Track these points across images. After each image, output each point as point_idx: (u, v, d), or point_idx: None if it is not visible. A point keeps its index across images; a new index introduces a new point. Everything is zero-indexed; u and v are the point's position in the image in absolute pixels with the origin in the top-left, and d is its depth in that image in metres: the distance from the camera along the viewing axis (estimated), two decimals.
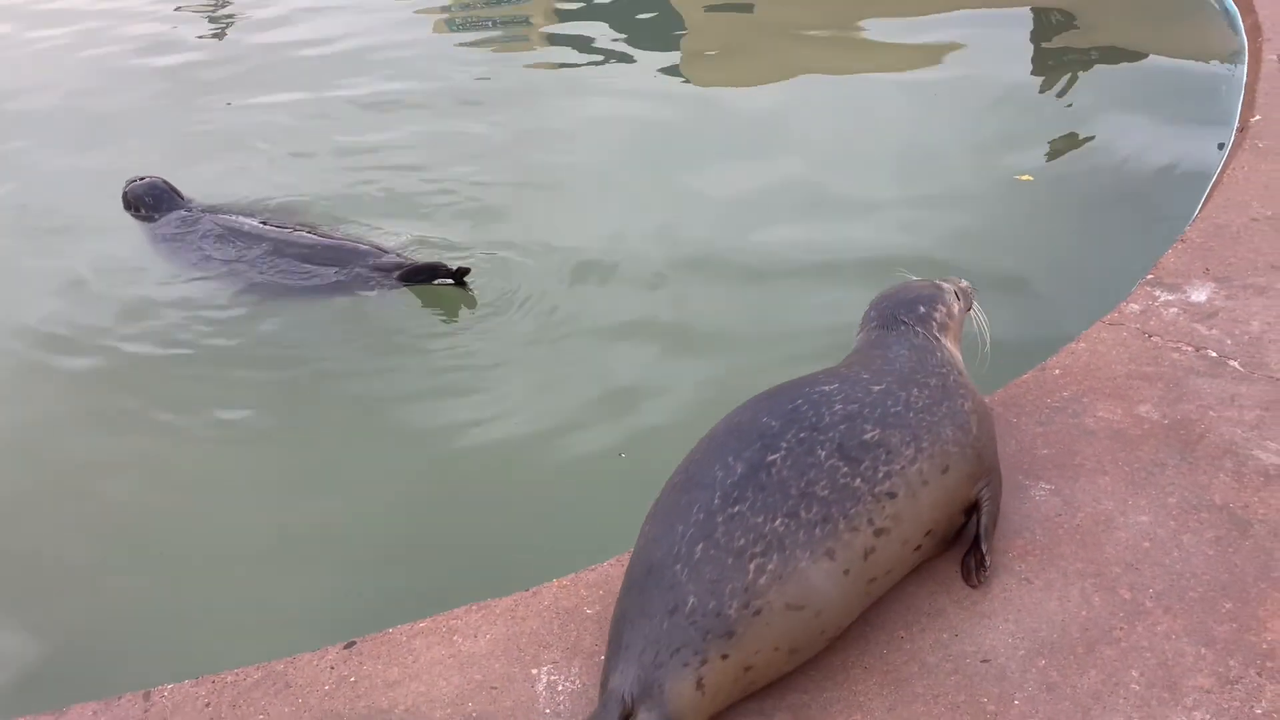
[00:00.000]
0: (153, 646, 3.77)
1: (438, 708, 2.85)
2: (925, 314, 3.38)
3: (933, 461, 2.90)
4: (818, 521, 2.69)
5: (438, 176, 6.88)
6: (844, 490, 2.75)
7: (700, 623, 2.58)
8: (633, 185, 6.62)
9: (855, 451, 2.81)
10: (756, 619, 2.60)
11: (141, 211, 6.56)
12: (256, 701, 2.95)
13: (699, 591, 2.60)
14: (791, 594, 2.63)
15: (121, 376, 5.24)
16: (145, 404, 5.05)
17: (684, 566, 2.64)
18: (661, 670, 2.55)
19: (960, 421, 3.01)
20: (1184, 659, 2.73)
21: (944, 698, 2.72)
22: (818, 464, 2.76)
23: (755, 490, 2.71)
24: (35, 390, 5.26)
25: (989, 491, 3.07)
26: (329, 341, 5.31)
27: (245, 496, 4.41)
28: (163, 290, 5.90)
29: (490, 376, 4.89)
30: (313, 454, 4.62)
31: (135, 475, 4.61)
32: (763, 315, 5.20)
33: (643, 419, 4.25)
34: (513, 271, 5.75)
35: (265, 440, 4.75)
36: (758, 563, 2.63)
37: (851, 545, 2.72)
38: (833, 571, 2.69)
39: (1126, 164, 6.23)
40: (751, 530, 2.66)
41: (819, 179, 6.44)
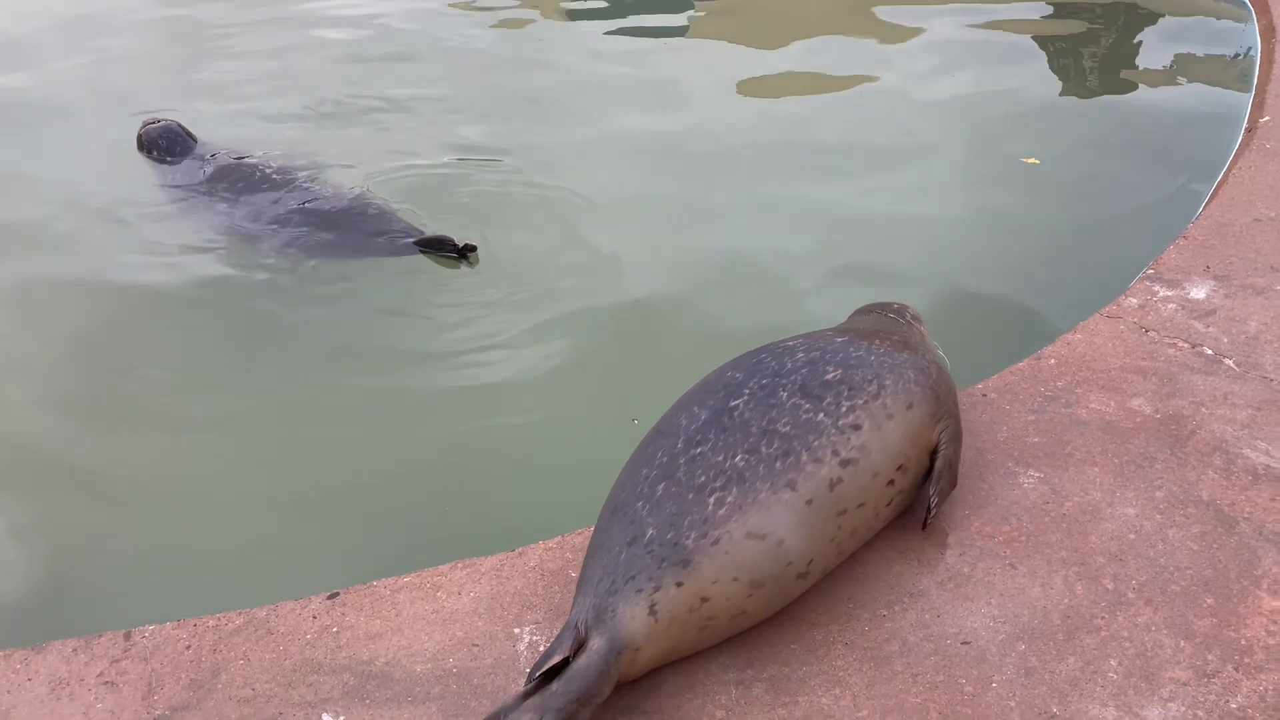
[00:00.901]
0: (133, 587, 3.77)
1: (419, 662, 2.86)
2: (899, 309, 3.68)
3: (896, 397, 2.95)
4: (779, 455, 2.74)
5: (443, 135, 6.81)
6: (806, 424, 2.80)
7: (656, 551, 2.63)
8: (644, 151, 6.57)
9: (817, 390, 2.87)
10: (715, 548, 2.63)
11: (155, 154, 6.53)
12: (237, 647, 2.95)
13: (658, 524, 2.66)
14: (752, 524, 2.67)
15: (119, 318, 5.20)
16: (141, 346, 5.02)
17: (645, 503, 2.71)
18: (615, 596, 2.60)
19: (921, 366, 3.09)
20: (1163, 651, 2.75)
21: (923, 677, 2.73)
22: (779, 404, 2.83)
23: (717, 432, 2.79)
24: (30, 325, 5.22)
25: (947, 435, 3.11)
26: (331, 297, 5.27)
27: (237, 444, 4.39)
28: (170, 234, 5.85)
29: (495, 339, 4.85)
30: (308, 405, 4.59)
31: (126, 417, 4.58)
32: (770, 276, 5.19)
33: (656, 382, 4.24)
34: (519, 236, 5.70)
35: (260, 390, 4.71)
36: (717, 496, 2.68)
37: (815, 476, 2.75)
38: (794, 501, 2.72)
39: (1133, 155, 6.20)
40: (713, 468, 2.72)
41: (821, 155, 6.41)
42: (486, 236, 5.57)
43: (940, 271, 5.17)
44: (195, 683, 2.85)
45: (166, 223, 5.96)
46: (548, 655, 2.53)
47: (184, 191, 6.14)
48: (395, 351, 4.85)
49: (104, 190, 6.29)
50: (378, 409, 4.50)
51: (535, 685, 2.50)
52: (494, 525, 3.80)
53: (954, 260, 5.27)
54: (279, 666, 2.88)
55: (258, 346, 4.98)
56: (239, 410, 4.56)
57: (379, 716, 2.72)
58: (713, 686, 2.75)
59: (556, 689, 2.48)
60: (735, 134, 6.70)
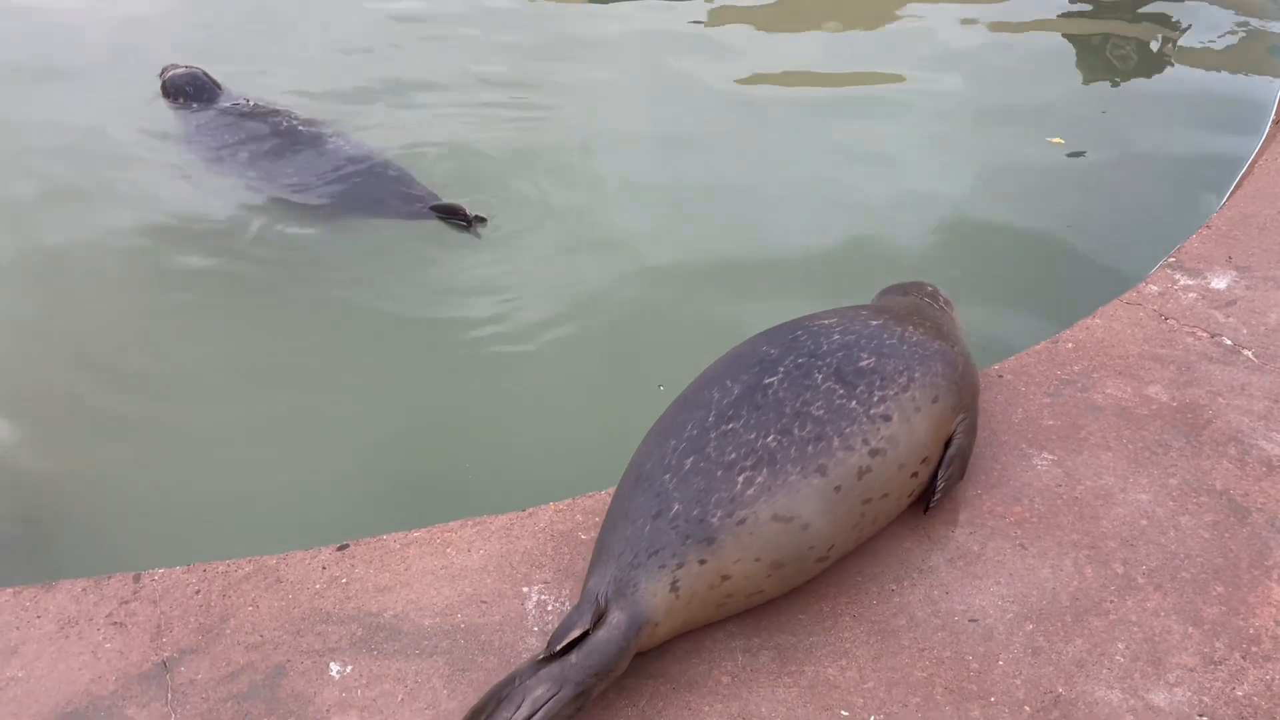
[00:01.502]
0: (144, 531, 3.78)
1: (427, 616, 2.87)
2: (932, 291, 3.65)
3: (924, 390, 2.94)
4: (811, 439, 2.72)
5: (459, 100, 6.74)
6: (839, 410, 2.78)
7: (682, 528, 2.61)
8: (658, 121, 6.52)
9: (851, 376, 2.85)
10: (740, 528, 2.63)
11: (179, 100, 6.50)
12: (247, 594, 2.96)
13: (684, 499, 2.64)
14: (780, 506, 2.66)
15: (135, 264, 5.20)
16: (152, 293, 5.02)
17: (673, 476, 2.69)
18: (638, 570, 2.59)
19: (949, 359, 3.08)
20: (1171, 636, 2.75)
21: (930, 652, 2.74)
22: (814, 386, 2.81)
23: (750, 409, 2.76)
24: (51, 264, 5.22)
25: (963, 427, 3.11)
26: (349, 253, 5.26)
27: (251, 393, 4.39)
28: (188, 181, 5.84)
29: (514, 302, 4.84)
30: (326, 358, 4.58)
31: (143, 362, 4.58)
32: (790, 253, 5.18)
33: (674, 350, 4.23)
34: (543, 203, 5.66)
35: (277, 339, 4.70)
36: (747, 475, 2.66)
37: (845, 463, 2.74)
38: (823, 487, 2.71)
39: (1159, 142, 6.14)
40: (743, 445, 2.70)
41: (841, 132, 6.35)
42: (509, 200, 5.55)
43: (960, 252, 5.14)
44: (204, 627, 2.87)
45: (185, 169, 5.94)
46: (567, 627, 2.51)
47: (204, 138, 6.11)
48: (413, 310, 4.84)
49: (125, 136, 6.27)
50: (395, 365, 4.51)
51: (551, 654, 2.49)
52: (505, 485, 3.81)
53: (974, 241, 5.23)
54: (287, 615, 2.89)
55: (273, 297, 4.97)
56: (256, 359, 4.56)
57: (386, 668, 2.73)
58: (720, 653, 2.75)
59: (576, 661, 2.47)
60: (759, 115, 6.64)
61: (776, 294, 4.69)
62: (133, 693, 2.70)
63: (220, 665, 2.76)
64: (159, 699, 2.68)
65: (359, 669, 2.73)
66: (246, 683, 2.71)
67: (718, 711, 2.61)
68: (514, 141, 6.27)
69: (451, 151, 6.16)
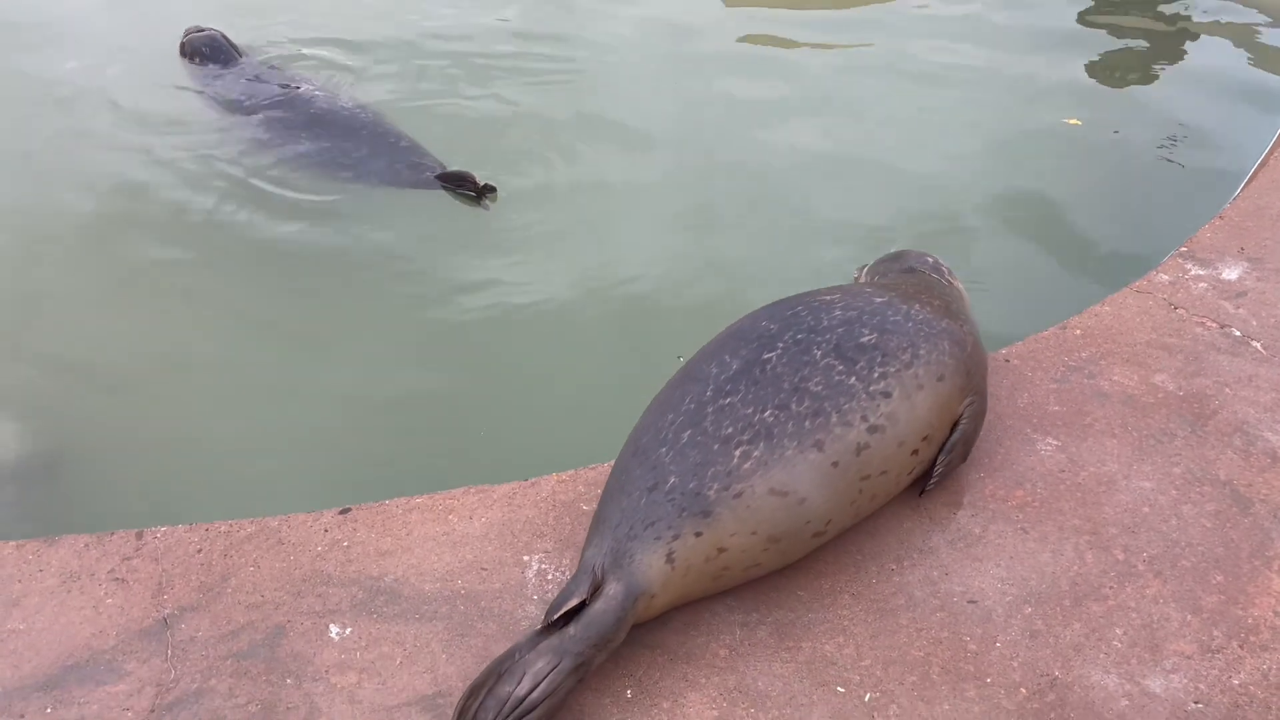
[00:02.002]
0: (147, 488, 3.79)
1: (427, 581, 2.88)
2: (933, 264, 3.60)
3: (929, 368, 2.92)
4: (809, 414, 2.72)
5: (476, 69, 6.71)
6: (837, 386, 2.77)
7: (678, 500, 2.62)
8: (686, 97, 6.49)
9: (851, 352, 2.84)
10: (736, 501, 2.63)
11: (197, 61, 6.53)
12: (248, 554, 2.97)
13: (681, 472, 2.65)
14: (776, 480, 2.66)
15: (148, 221, 5.21)
16: (164, 248, 5.03)
17: (669, 450, 2.69)
18: (634, 542, 2.60)
19: (957, 338, 3.05)
20: (1169, 624, 2.75)
21: (927, 632, 2.74)
22: (812, 362, 2.80)
23: (748, 384, 2.76)
24: (59, 220, 5.23)
25: (971, 410, 3.09)
26: (358, 219, 5.26)
27: (259, 355, 4.40)
28: (202, 141, 5.84)
29: (526, 272, 4.84)
30: (336, 324, 4.59)
31: (151, 321, 4.59)
32: (804, 226, 5.16)
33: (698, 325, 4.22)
34: (558, 174, 5.65)
35: (286, 303, 4.71)
36: (744, 449, 2.66)
37: (843, 439, 2.74)
38: (820, 462, 2.71)
39: (1176, 127, 6.10)
40: (741, 420, 2.70)
41: (859, 109, 6.32)
42: (524, 171, 5.53)
43: (970, 233, 5.11)
44: (205, 585, 2.88)
45: (197, 131, 5.94)
46: (564, 597, 2.52)
47: (219, 101, 6.13)
48: (423, 277, 4.84)
49: (141, 96, 6.27)
50: (403, 332, 4.51)
51: (550, 626, 2.50)
52: (509, 454, 3.81)
53: (985, 222, 5.21)
54: (288, 576, 2.90)
55: (282, 262, 4.97)
56: (264, 321, 4.56)
57: (386, 631, 2.74)
58: (719, 626, 2.76)
59: (574, 633, 2.48)
60: (781, 90, 6.60)
61: (791, 265, 4.68)
62: (133, 648, 2.71)
63: (221, 623, 2.77)
64: (159, 655, 2.69)
65: (359, 631, 2.74)
66: (246, 641, 2.72)
67: (714, 684, 2.62)
68: (528, 106, 6.26)
69: (462, 118, 6.14)
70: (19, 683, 2.63)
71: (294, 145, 5.67)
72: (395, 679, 2.63)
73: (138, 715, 2.55)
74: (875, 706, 2.57)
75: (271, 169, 5.56)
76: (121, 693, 2.60)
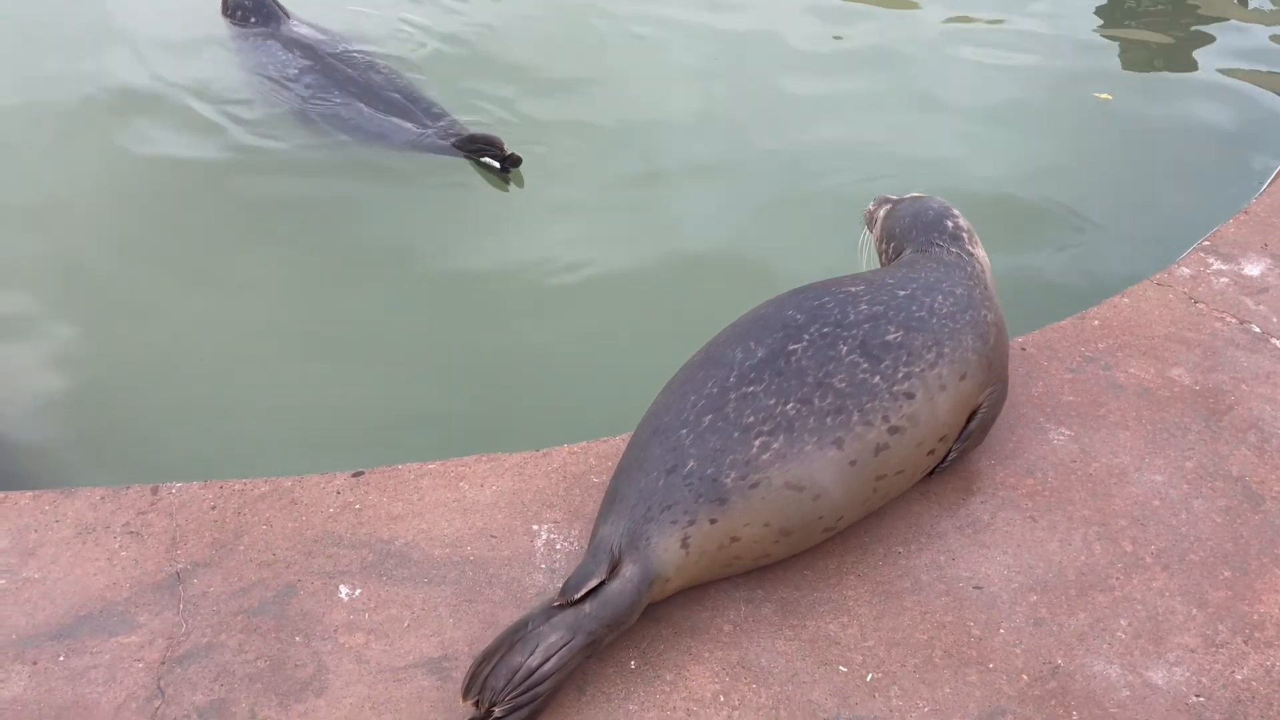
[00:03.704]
0: (163, 443, 3.83)
1: (437, 546, 2.91)
2: (953, 230, 3.37)
3: (952, 367, 2.91)
4: (831, 411, 2.72)
5: (519, 46, 6.67)
6: (861, 385, 2.76)
7: (695, 485, 2.62)
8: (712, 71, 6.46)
9: (877, 350, 2.82)
10: (753, 491, 2.63)
11: (238, 16, 6.52)
12: (261, 513, 3.00)
13: (700, 457, 2.65)
14: (793, 474, 2.66)
15: (173, 177, 5.25)
16: (187, 206, 5.06)
17: (690, 432, 2.69)
18: (650, 524, 2.61)
19: (981, 331, 3.02)
20: (1174, 617, 2.76)
21: (932, 616, 2.76)
22: (838, 358, 2.78)
23: (772, 375, 2.75)
24: (89, 176, 5.25)
25: (991, 399, 3.09)
26: (383, 183, 5.27)
27: (277, 316, 4.43)
28: (235, 97, 5.88)
29: (545, 245, 4.84)
30: (351, 287, 4.60)
31: (175, 278, 4.62)
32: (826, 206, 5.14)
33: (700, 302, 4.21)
34: (584, 148, 5.64)
35: (307, 266, 4.72)
36: (763, 440, 2.66)
37: (863, 438, 2.74)
38: (839, 460, 2.71)
39: (1206, 115, 6.02)
40: (763, 410, 2.69)
41: (883, 85, 6.28)
42: (551, 145, 5.52)
43: (990, 218, 5.06)
44: (218, 542, 2.91)
45: (233, 86, 5.97)
46: (584, 576, 2.52)
47: (258, 56, 6.13)
48: (442, 244, 4.85)
49: (181, 50, 6.28)
50: (421, 298, 4.53)
51: (564, 601, 2.51)
52: (521, 424, 3.83)
53: (1006, 207, 5.16)
54: (300, 536, 2.93)
55: (304, 222, 5.00)
56: (285, 282, 4.59)
57: (395, 594, 2.77)
58: (723, 602, 2.78)
59: (589, 611, 2.50)
60: (804, 63, 6.55)
61: (817, 246, 4.65)
62: (146, 600, 2.75)
63: (232, 580, 2.81)
64: (171, 608, 2.73)
65: (368, 593, 2.77)
66: (257, 598, 2.76)
67: (718, 658, 2.64)
68: (556, 75, 6.23)
69: (495, 94, 6.12)
70: (33, 630, 2.68)
71: (325, 106, 5.69)
72: (402, 641, 2.66)
73: (148, 666, 2.59)
74: (877, 687, 2.58)
75: (301, 129, 5.59)
76: (133, 644, 2.64)
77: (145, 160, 5.34)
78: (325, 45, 6.18)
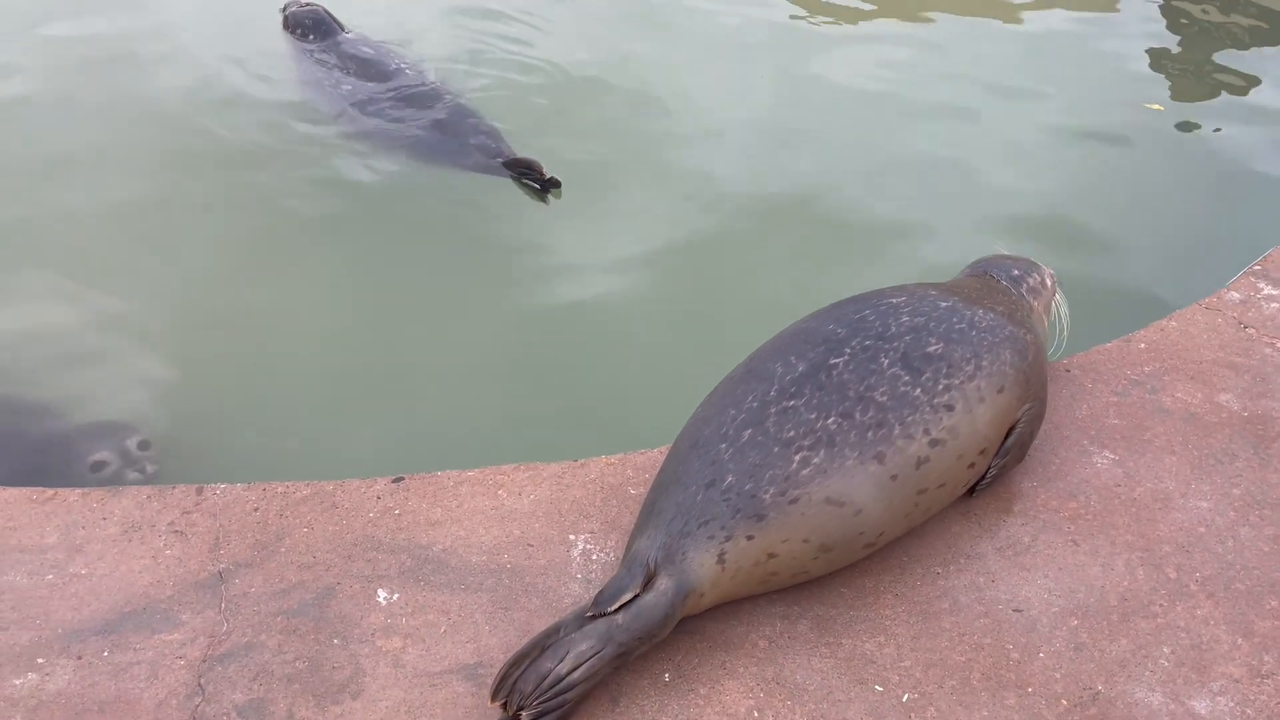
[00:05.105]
0: (208, 446, 3.89)
1: (475, 553, 2.92)
2: (1018, 276, 3.48)
3: (990, 380, 2.90)
4: (872, 425, 2.71)
5: (574, 57, 6.75)
6: (902, 398, 2.75)
7: (734, 501, 2.62)
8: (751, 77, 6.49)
9: (918, 362, 2.81)
10: (792, 507, 2.62)
11: (298, 33, 6.69)
12: (303, 515, 3.04)
13: (738, 472, 2.64)
14: (834, 489, 2.65)
15: (225, 183, 5.38)
16: (240, 212, 5.18)
17: (729, 446, 2.68)
18: (687, 539, 2.60)
19: (1019, 347, 3.02)
20: (1219, 645, 2.71)
21: (970, 638, 2.73)
22: (879, 371, 2.78)
23: (814, 389, 2.74)
24: (148, 177, 5.39)
25: (1028, 415, 3.07)
26: (428, 195, 5.38)
27: (323, 322, 4.51)
28: (292, 112, 6.03)
29: (589, 254, 4.89)
30: (395, 298, 4.67)
31: (223, 283, 4.72)
32: (868, 217, 5.14)
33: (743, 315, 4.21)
34: (620, 152, 5.70)
35: (354, 274, 4.81)
36: (804, 455, 2.65)
37: (904, 452, 2.73)
38: (880, 475, 2.70)
39: (1258, 134, 5.93)
40: (803, 424, 2.69)
41: (934, 91, 6.26)
42: (597, 157, 5.57)
43: (1038, 234, 5.03)
44: (260, 543, 2.95)
45: (290, 101, 6.12)
46: (619, 588, 2.53)
47: (315, 72, 6.29)
48: (487, 257, 4.91)
49: (239, 65, 6.44)
50: (464, 309, 4.58)
51: (597, 611, 2.51)
52: (559, 434, 3.85)
53: (1054, 226, 5.12)
54: (340, 539, 2.97)
55: (351, 234, 5.08)
56: (331, 291, 4.67)
57: (432, 599, 2.79)
58: (759, 617, 2.77)
59: (622, 622, 2.50)
60: (847, 68, 6.56)
61: (856, 262, 4.65)
62: (188, 599, 2.79)
63: (273, 581, 2.84)
64: (213, 607, 2.77)
65: (405, 597, 2.80)
66: (297, 600, 2.79)
67: (752, 673, 2.63)
68: (607, 90, 6.30)
69: (546, 111, 6.19)
70: (79, 625, 2.73)
71: (377, 120, 5.82)
72: (439, 646, 2.68)
73: (190, 664, 2.63)
74: (913, 707, 2.56)
75: (355, 142, 5.72)
76: (176, 641, 2.69)
77: (202, 169, 5.47)
78: (380, 61, 6.34)
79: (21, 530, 2.99)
